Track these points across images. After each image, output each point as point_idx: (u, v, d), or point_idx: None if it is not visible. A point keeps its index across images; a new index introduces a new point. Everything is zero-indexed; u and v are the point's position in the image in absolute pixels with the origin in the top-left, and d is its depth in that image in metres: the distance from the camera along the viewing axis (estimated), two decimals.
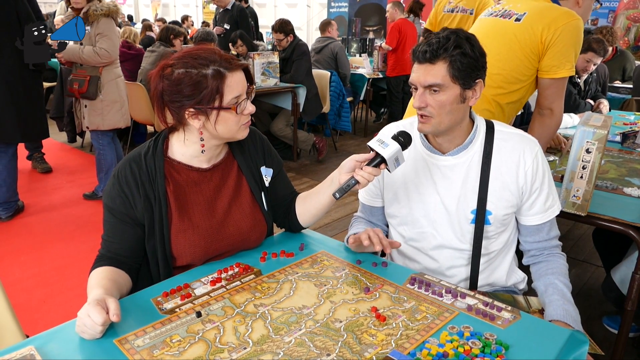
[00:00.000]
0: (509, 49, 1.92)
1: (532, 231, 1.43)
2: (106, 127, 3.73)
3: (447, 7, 4.33)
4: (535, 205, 1.39)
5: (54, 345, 0.99)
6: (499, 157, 1.37)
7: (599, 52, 3.34)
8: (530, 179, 1.37)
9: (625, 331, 1.70)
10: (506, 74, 1.93)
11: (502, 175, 1.37)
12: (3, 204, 3.48)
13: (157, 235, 1.27)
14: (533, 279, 1.43)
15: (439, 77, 1.27)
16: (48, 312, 2.46)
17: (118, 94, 3.72)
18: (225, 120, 1.24)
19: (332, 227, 3.56)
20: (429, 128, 1.33)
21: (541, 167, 1.38)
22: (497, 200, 1.37)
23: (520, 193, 1.38)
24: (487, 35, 2.03)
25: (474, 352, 0.96)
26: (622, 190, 1.90)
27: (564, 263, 1.41)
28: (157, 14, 15.23)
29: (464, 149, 1.39)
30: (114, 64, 3.70)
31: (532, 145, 1.39)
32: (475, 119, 1.42)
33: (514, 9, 1.99)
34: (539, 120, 1.97)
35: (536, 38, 1.87)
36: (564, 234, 3.46)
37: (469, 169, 1.39)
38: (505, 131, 1.41)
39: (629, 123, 3.23)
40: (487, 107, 1.98)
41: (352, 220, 1.64)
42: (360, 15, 10.14)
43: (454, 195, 1.40)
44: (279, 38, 4.97)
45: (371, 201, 1.58)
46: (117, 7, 3.66)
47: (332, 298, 1.16)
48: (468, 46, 1.27)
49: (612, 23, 6.84)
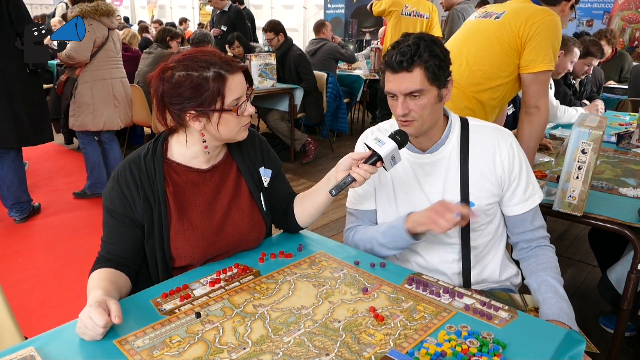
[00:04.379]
0: (488, 45, 1.97)
1: (517, 222, 1.46)
2: (77, 127, 3.74)
3: (405, 11, 4.67)
4: (516, 194, 1.43)
5: (54, 346, 0.99)
6: (475, 149, 1.42)
7: (596, 54, 3.37)
8: (508, 168, 1.41)
9: (621, 330, 1.71)
10: (486, 69, 1.98)
11: (480, 167, 1.41)
12: (15, 205, 3.46)
13: (156, 236, 1.27)
14: (525, 276, 1.45)
15: (417, 83, 1.30)
16: (46, 313, 2.46)
17: (91, 97, 3.67)
18: (227, 122, 1.25)
19: (330, 227, 3.57)
20: (413, 130, 1.37)
21: (517, 156, 1.42)
22: (478, 191, 1.41)
23: (499, 182, 1.42)
24: (469, 33, 2.09)
25: (472, 351, 0.97)
26: (617, 190, 1.91)
27: (552, 256, 1.43)
28: (153, 15, 15.21)
29: (442, 144, 1.43)
30: (96, 66, 3.65)
31: (505, 135, 1.44)
32: (449, 114, 1.46)
33: (495, 10, 2.06)
34: (527, 120, 1.99)
35: (514, 34, 1.92)
36: (560, 234, 3.48)
37: (448, 164, 1.43)
38: (479, 125, 1.46)
39: (624, 124, 3.25)
40: (467, 105, 2.01)
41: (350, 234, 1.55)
42: (356, 16, 10.15)
43: (438, 190, 1.44)
44: (269, 37, 5.04)
45: (358, 205, 1.55)
46: (100, 8, 3.56)
47: (331, 298, 1.17)
48: (437, 48, 1.31)
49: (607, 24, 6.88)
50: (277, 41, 5.02)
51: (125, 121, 3.95)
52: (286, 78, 5.02)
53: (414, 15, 4.68)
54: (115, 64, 3.83)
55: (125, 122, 3.96)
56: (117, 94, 3.82)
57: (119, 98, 3.84)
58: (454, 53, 2.00)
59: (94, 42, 3.59)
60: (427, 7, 4.77)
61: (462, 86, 1.99)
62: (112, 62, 3.78)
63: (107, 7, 3.62)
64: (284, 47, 5.02)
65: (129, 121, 4.01)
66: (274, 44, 5.04)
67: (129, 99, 3.99)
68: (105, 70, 3.72)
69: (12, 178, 3.40)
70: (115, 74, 3.80)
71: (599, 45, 3.38)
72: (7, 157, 3.37)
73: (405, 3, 4.65)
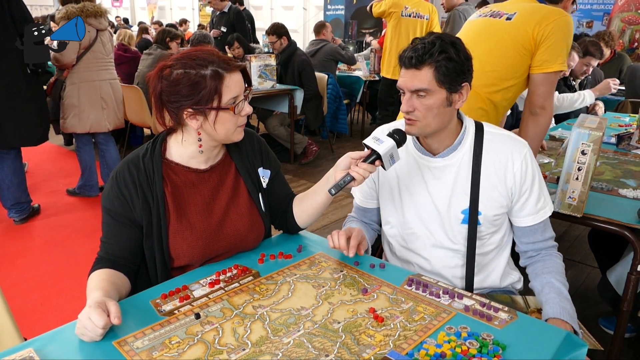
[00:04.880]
0: (501, 46, 1.95)
1: (526, 232, 1.44)
2: (66, 129, 3.74)
3: (405, 12, 4.65)
4: (527, 206, 1.40)
5: (53, 348, 0.99)
6: (488, 158, 1.39)
7: (596, 54, 3.37)
8: (520, 181, 1.38)
9: (621, 332, 1.71)
10: (499, 70, 1.96)
11: (490, 176, 1.38)
12: (15, 205, 3.45)
13: (155, 236, 1.27)
14: (530, 279, 1.44)
15: (425, 82, 1.29)
16: (45, 314, 2.45)
17: (77, 99, 3.65)
18: (224, 121, 1.25)
19: (330, 228, 3.56)
20: (416, 130, 1.35)
21: (530, 168, 1.39)
22: (487, 201, 1.39)
23: (509, 194, 1.39)
24: (479, 33, 2.06)
25: (472, 352, 0.97)
26: (617, 191, 1.91)
27: (560, 262, 1.41)
28: (153, 16, 15.23)
29: (454, 150, 1.41)
30: (82, 68, 3.61)
31: (520, 146, 1.40)
32: (464, 120, 1.43)
33: (503, 10, 2.03)
34: (532, 120, 1.97)
35: (528, 35, 1.90)
36: (560, 235, 3.48)
37: (459, 170, 1.40)
38: (495, 132, 1.43)
39: (623, 125, 3.25)
40: (480, 106, 2.00)
41: (345, 220, 1.66)
42: (356, 17, 10.17)
43: (445, 195, 1.41)
44: (272, 40, 5.03)
45: (365, 202, 1.60)
46: (87, 9, 3.49)
47: (330, 299, 1.17)
48: (453, 51, 1.28)
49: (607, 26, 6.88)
50: (279, 44, 5.02)
51: (115, 123, 3.88)
52: (288, 82, 5.02)
53: (414, 16, 4.68)
54: (104, 66, 3.76)
55: (114, 124, 3.88)
56: (105, 96, 3.75)
57: (107, 100, 3.77)
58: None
59: (80, 44, 3.53)
60: (427, 8, 4.78)
61: (475, 87, 1.97)
62: (101, 64, 3.71)
63: (94, 8, 3.54)
64: (288, 51, 5.01)
65: (118, 123, 3.92)
66: (277, 47, 5.03)
67: (119, 101, 3.92)
68: (93, 72, 3.66)
69: (11, 179, 3.39)
70: (103, 75, 3.73)
71: (598, 46, 3.38)
72: (7, 158, 3.36)
73: (405, 4, 4.66)
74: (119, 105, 3.93)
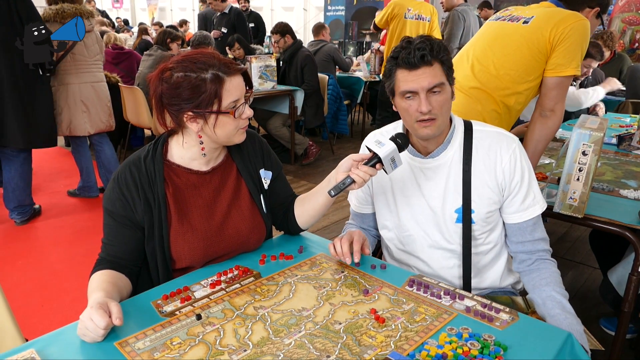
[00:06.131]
0: (517, 50, 1.94)
1: (514, 231, 1.43)
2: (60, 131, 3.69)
3: (408, 15, 4.72)
4: (514, 203, 1.39)
5: (55, 348, 0.99)
6: (477, 155, 1.39)
7: (596, 56, 3.38)
8: (509, 176, 1.37)
9: (623, 332, 1.71)
10: (514, 74, 1.96)
11: (481, 173, 1.38)
12: (17, 207, 3.44)
13: (156, 238, 1.28)
14: (527, 290, 1.41)
15: (439, 77, 1.29)
16: (46, 315, 2.45)
17: (65, 101, 3.58)
18: (224, 124, 1.25)
19: (331, 229, 3.56)
20: (435, 130, 1.33)
21: (519, 163, 1.38)
22: (478, 198, 1.39)
23: (500, 190, 1.39)
24: (496, 37, 2.06)
25: (473, 353, 0.97)
26: (618, 192, 1.91)
27: (555, 270, 1.38)
28: (153, 17, 15.24)
29: (444, 149, 1.41)
30: (62, 71, 3.53)
31: (509, 142, 1.39)
32: (453, 117, 1.43)
33: (521, 14, 2.03)
34: (540, 122, 1.95)
35: (544, 38, 1.89)
36: (561, 236, 3.47)
37: (450, 169, 1.40)
38: (483, 129, 1.42)
39: (624, 125, 3.25)
40: (494, 108, 2.00)
41: (344, 228, 1.65)
42: (356, 18, 10.18)
43: (438, 195, 1.42)
44: (276, 39, 5.06)
45: (361, 208, 1.60)
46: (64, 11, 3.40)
47: (332, 300, 1.17)
48: (443, 47, 1.32)
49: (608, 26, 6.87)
50: (283, 42, 5.05)
51: (98, 127, 3.76)
52: (291, 79, 5.03)
53: (417, 18, 4.73)
54: (86, 68, 3.64)
55: (97, 128, 3.76)
56: (86, 99, 3.64)
57: (88, 103, 3.66)
58: (478, 56, 2.01)
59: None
60: (428, 10, 4.83)
61: (490, 89, 1.97)
62: (82, 66, 3.61)
63: (72, 10, 3.42)
64: (292, 49, 5.03)
65: (103, 126, 3.81)
66: (281, 45, 5.07)
67: (104, 104, 3.79)
68: (72, 75, 3.57)
69: (18, 181, 3.38)
70: (84, 78, 3.63)
71: (599, 47, 3.39)
72: (16, 160, 3.34)
73: (408, 6, 4.68)
74: (104, 108, 3.79)
